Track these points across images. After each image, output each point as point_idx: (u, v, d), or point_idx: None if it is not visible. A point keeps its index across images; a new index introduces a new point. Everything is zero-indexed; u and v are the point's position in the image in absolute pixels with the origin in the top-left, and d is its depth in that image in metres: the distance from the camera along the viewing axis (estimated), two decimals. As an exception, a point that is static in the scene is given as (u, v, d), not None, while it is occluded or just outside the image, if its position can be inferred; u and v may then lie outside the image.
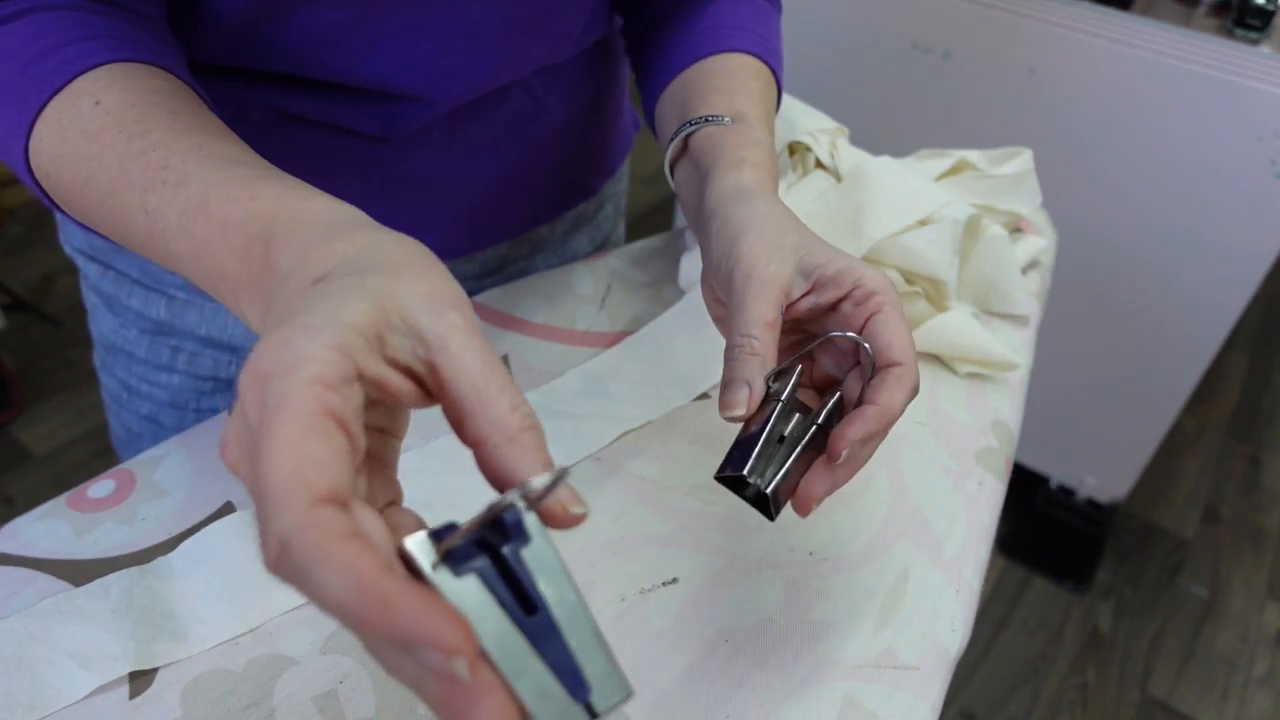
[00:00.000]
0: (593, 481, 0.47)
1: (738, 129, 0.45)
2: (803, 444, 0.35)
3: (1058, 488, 1.62)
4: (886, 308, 0.36)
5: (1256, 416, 1.94)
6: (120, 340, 0.57)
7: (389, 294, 0.25)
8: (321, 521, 0.21)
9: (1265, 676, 1.43)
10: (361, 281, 0.25)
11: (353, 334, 0.24)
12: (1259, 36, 1.17)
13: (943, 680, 0.40)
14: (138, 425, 0.59)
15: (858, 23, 1.36)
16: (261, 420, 0.22)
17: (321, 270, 0.26)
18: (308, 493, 0.21)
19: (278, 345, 0.23)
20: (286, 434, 0.21)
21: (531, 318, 0.57)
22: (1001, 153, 0.65)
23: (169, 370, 0.56)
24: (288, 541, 0.20)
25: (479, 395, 0.25)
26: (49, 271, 1.96)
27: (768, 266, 0.37)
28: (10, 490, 1.52)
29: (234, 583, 0.40)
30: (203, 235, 0.30)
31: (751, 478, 0.34)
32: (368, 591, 0.20)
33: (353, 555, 0.20)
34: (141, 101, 0.33)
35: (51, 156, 0.34)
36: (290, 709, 0.36)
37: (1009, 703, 1.37)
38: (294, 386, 0.22)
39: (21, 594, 0.39)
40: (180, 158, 0.32)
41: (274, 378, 0.22)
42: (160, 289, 0.55)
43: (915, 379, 0.35)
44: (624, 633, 0.40)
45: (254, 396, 0.22)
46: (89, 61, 0.34)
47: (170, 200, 0.31)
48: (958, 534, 0.46)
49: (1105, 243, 1.32)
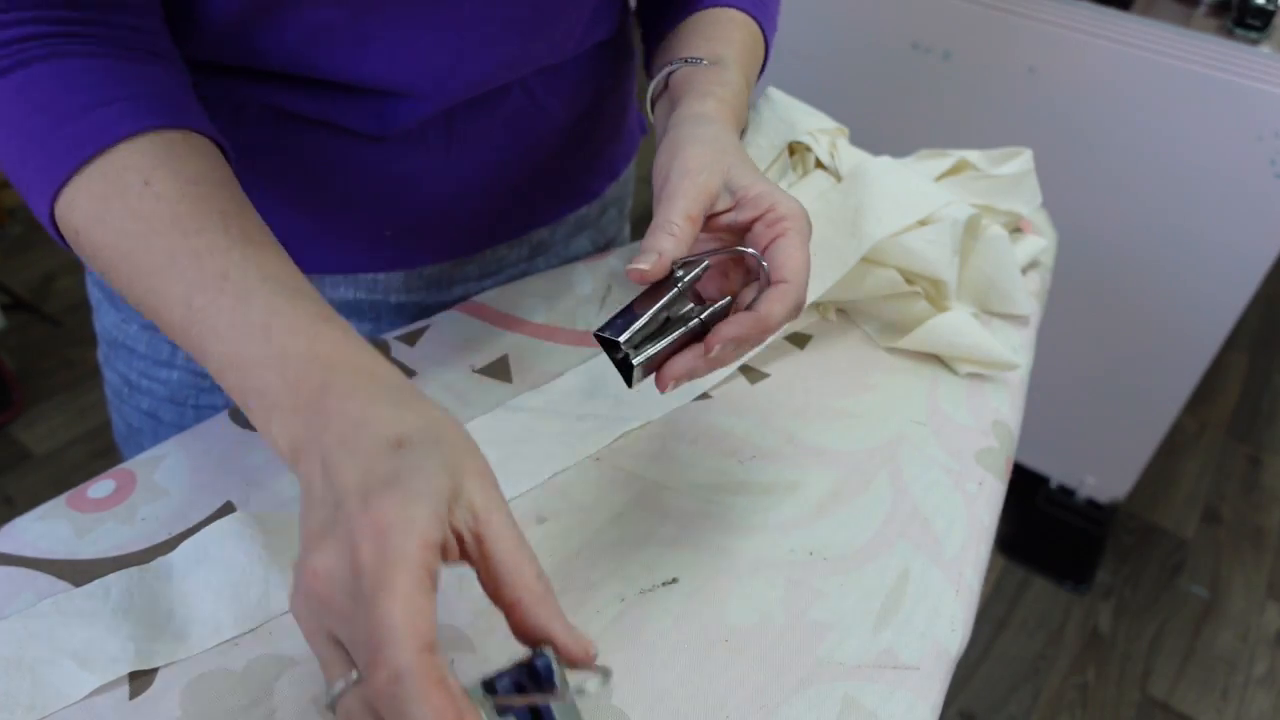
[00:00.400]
0: (593, 481, 0.47)
1: (713, 69, 0.49)
2: (682, 330, 0.38)
3: (1058, 488, 1.62)
4: (791, 232, 0.40)
5: (1256, 416, 1.94)
6: (122, 335, 0.57)
7: (457, 468, 0.30)
8: (428, 665, 0.25)
9: (1265, 676, 1.43)
10: (440, 454, 0.29)
11: (445, 504, 0.28)
12: (1259, 36, 1.17)
13: (943, 680, 0.40)
14: (138, 420, 0.60)
15: (858, 23, 1.36)
16: (380, 567, 0.26)
17: (397, 434, 0.30)
18: (420, 639, 0.25)
19: (397, 507, 0.27)
20: (405, 585, 0.26)
21: (531, 318, 0.57)
22: (1001, 153, 0.65)
23: (169, 365, 0.56)
24: (400, 675, 0.25)
25: (515, 563, 0.29)
26: (49, 271, 1.96)
27: (700, 174, 0.41)
28: (10, 490, 1.52)
29: (234, 583, 0.40)
30: (254, 354, 0.33)
31: (625, 345, 0.37)
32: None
33: (445, 701, 0.25)
34: (194, 194, 0.35)
35: (89, 220, 0.35)
36: (290, 709, 0.36)
37: (1009, 703, 1.37)
38: (411, 544, 0.26)
39: (21, 594, 0.39)
40: (240, 270, 0.34)
41: (395, 533, 0.26)
42: None
43: (798, 297, 0.39)
44: (624, 633, 0.40)
45: (373, 545, 0.26)
46: (129, 127, 0.35)
47: (225, 308, 0.33)
48: (958, 534, 0.46)
49: (1105, 243, 1.32)
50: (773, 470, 0.48)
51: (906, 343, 0.56)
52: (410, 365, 0.52)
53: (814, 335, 0.58)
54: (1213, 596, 1.55)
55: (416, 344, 0.54)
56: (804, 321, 0.58)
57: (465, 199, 0.55)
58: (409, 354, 0.53)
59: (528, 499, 0.45)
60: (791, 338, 0.58)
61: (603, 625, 0.40)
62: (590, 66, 0.58)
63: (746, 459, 0.49)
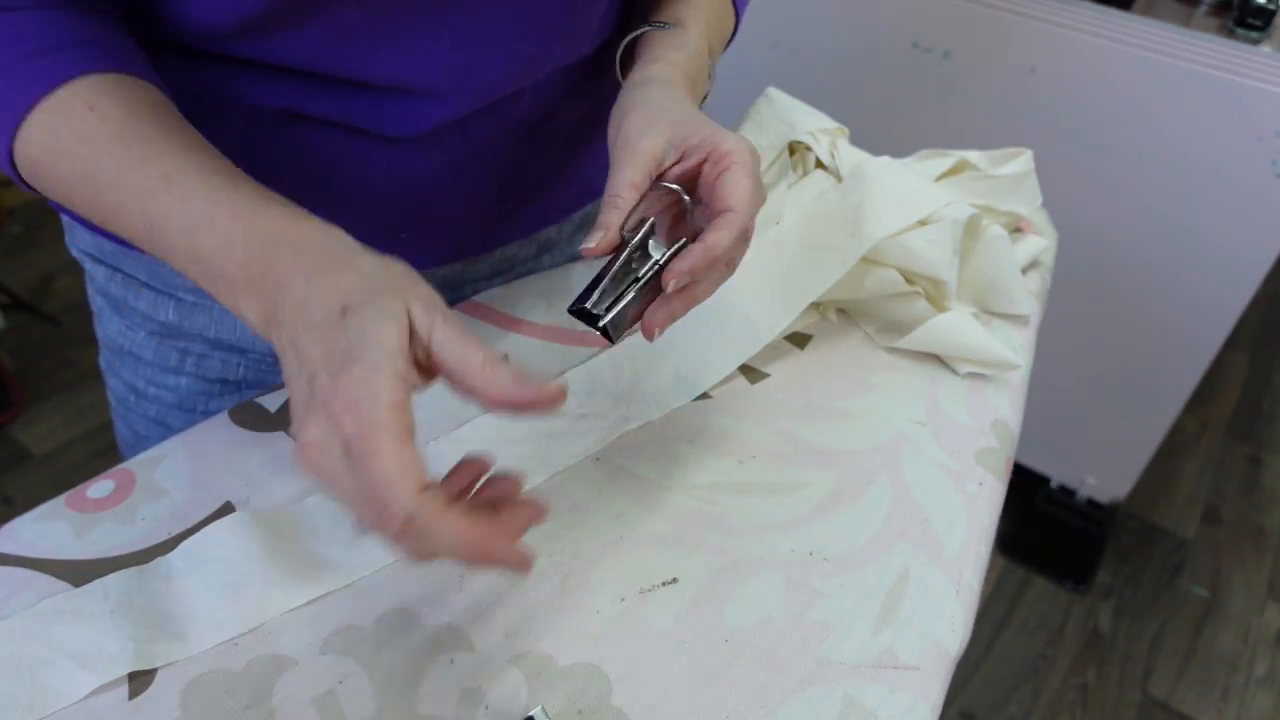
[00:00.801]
0: (593, 481, 0.47)
1: (672, 33, 0.50)
2: (644, 281, 0.40)
3: (1058, 488, 1.62)
4: (735, 165, 0.41)
5: (1257, 416, 1.94)
6: (127, 343, 0.57)
7: (400, 312, 0.33)
8: (429, 500, 0.30)
9: (1266, 677, 1.43)
10: (383, 307, 0.33)
11: (399, 360, 0.32)
12: (1260, 36, 1.17)
13: (943, 680, 0.40)
14: (145, 428, 0.59)
15: (858, 23, 1.36)
16: (362, 436, 0.30)
17: (341, 303, 0.33)
18: (415, 482, 0.30)
19: (359, 382, 0.31)
20: (388, 445, 0.30)
21: (531, 318, 0.57)
22: (1002, 153, 0.65)
23: (177, 373, 0.56)
24: (411, 518, 0.30)
25: (461, 364, 0.34)
26: (49, 271, 1.96)
27: (640, 140, 0.42)
28: (9, 490, 1.52)
29: (234, 583, 0.39)
30: (207, 244, 0.36)
31: (592, 308, 0.39)
32: (471, 538, 0.31)
33: (459, 521, 0.31)
34: (134, 113, 0.38)
35: (45, 151, 0.38)
36: (290, 709, 0.36)
37: (1009, 703, 1.37)
38: (381, 411, 0.31)
39: (21, 594, 0.39)
40: (181, 170, 0.37)
41: (365, 406, 0.30)
42: (169, 292, 0.54)
43: (742, 224, 0.40)
44: (624, 633, 0.40)
45: (350, 417, 0.31)
46: (76, 69, 0.38)
47: (173, 208, 0.36)
48: (958, 534, 0.46)
49: (1105, 243, 1.32)
50: (773, 470, 0.48)
51: (906, 343, 0.56)
52: (410, 365, 0.52)
53: (814, 335, 0.58)
54: (1213, 597, 1.55)
55: (416, 344, 0.54)
56: (804, 321, 0.58)
57: (478, 200, 0.55)
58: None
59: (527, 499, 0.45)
60: (791, 338, 0.58)
61: (603, 625, 0.40)
62: (598, 66, 0.58)
63: (746, 459, 0.49)
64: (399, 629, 0.39)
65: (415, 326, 0.33)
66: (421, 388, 0.34)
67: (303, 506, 0.44)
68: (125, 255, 0.54)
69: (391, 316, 0.33)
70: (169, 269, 0.53)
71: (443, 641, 0.39)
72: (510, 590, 0.41)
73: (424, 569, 0.42)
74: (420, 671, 0.38)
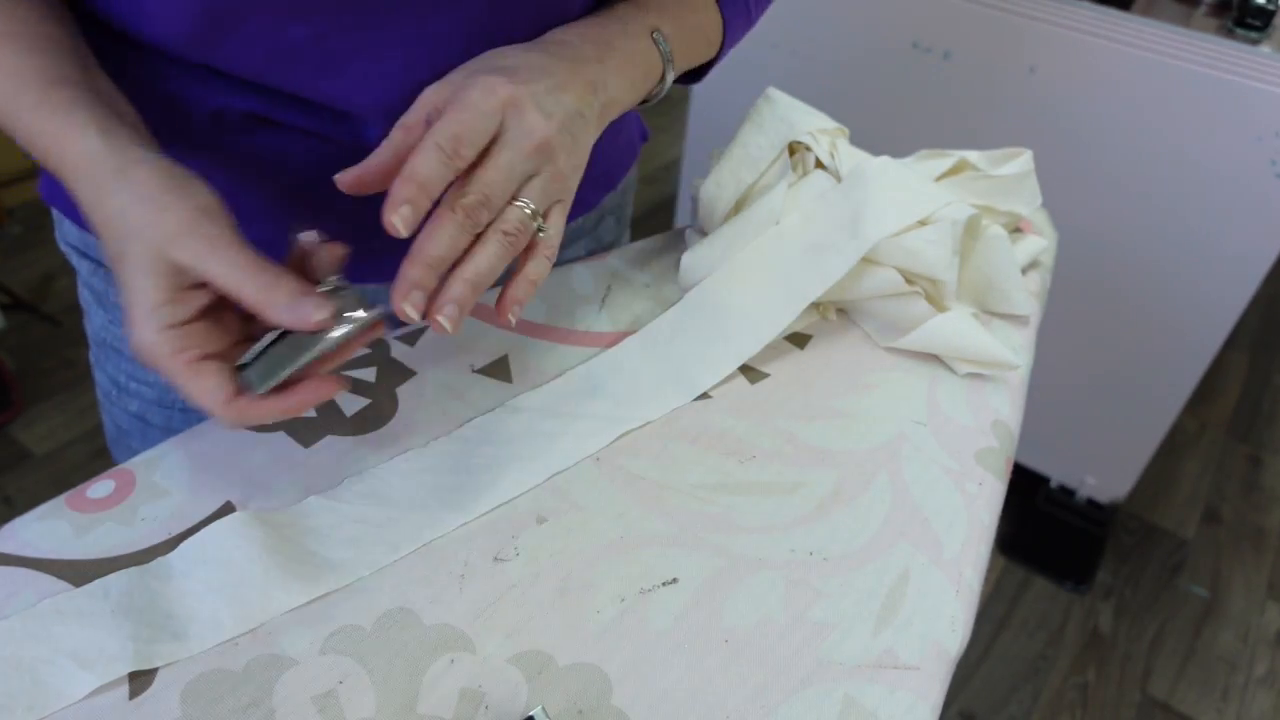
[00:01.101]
0: (593, 481, 0.47)
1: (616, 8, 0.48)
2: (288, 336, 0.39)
3: (1058, 488, 1.62)
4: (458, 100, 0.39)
5: (1257, 416, 1.94)
6: (110, 337, 0.57)
7: (159, 255, 0.36)
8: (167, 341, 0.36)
9: (1266, 677, 1.43)
10: (136, 255, 0.36)
11: (164, 310, 0.36)
12: (1259, 36, 1.17)
13: (943, 680, 0.40)
14: (127, 422, 0.59)
15: (858, 23, 1.36)
16: (149, 360, 0.37)
17: (113, 254, 0.37)
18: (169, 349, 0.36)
19: (135, 325, 0.36)
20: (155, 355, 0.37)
21: (531, 318, 0.57)
22: (1002, 153, 0.64)
23: None
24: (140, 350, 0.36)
25: (237, 288, 0.36)
26: (49, 271, 1.96)
27: (439, 88, 0.41)
28: (9, 490, 1.52)
29: (233, 583, 0.39)
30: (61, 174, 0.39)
31: (246, 358, 0.39)
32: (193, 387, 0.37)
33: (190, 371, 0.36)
34: None
35: None
36: (290, 709, 0.36)
37: (1009, 703, 1.37)
38: (149, 353, 0.36)
39: (21, 594, 0.39)
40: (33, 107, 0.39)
41: (143, 352, 0.36)
42: None
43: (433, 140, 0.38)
44: (624, 633, 0.40)
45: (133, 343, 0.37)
46: None
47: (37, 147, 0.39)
48: (958, 534, 0.46)
49: (1105, 243, 1.32)
50: (773, 470, 0.48)
51: (906, 343, 0.56)
52: (410, 365, 0.52)
53: (814, 335, 0.58)
54: (1213, 597, 1.55)
55: (416, 344, 0.54)
56: (804, 321, 0.58)
57: None
58: (409, 353, 0.53)
59: (528, 499, 0.45)
60: (791, 338, 0.58)
61: (603, 625, 0.40)
62: None
63: (746, 459, 0.49)
64: (399, 629, 0.39)
65: (181, 265, 0.36)
66: None
67: (303, 506, 0.44)
68: None
69: (148, 265, 0.36)
70: None
71: (443, 641, 0.39)
72: (510, 590, 0.41)
73: (424, 569, 0.42)
74: (420, 671, 0.38)
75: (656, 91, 0.51)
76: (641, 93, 0.49)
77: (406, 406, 0.50)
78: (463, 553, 0.43)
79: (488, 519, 0.44)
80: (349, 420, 0.48)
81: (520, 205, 0.40)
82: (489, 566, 0.42)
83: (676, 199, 1.85)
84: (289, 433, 0.47)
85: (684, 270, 0.59)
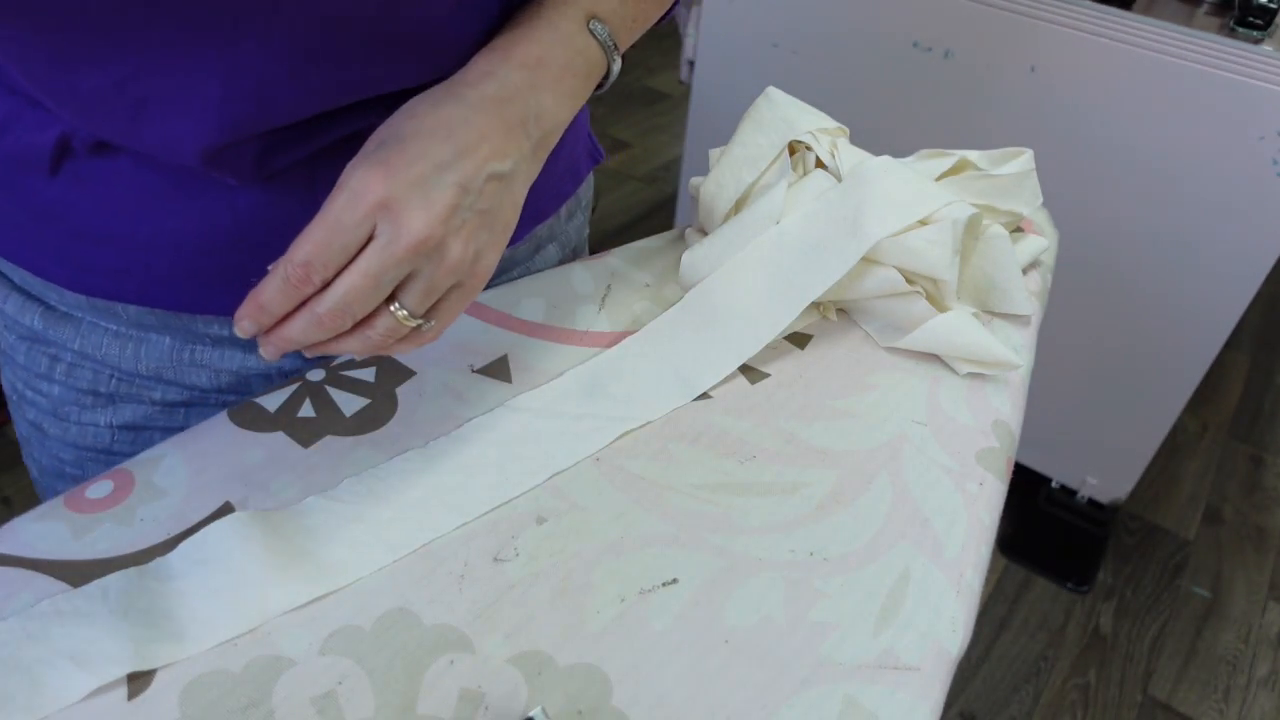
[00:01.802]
0: (593, 481, 0.47)
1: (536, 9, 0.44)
2: None
3: (1059, 488, 1.62)
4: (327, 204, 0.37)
5: (1258, 416, 1.94)
6: (3, 343, 0.54)
7: None
8: None
9: (1267, 677, 1.43)
10: None
11: None
12: (1261, 35, 1.17)
13: (944, 681, 0.40)
14: (25, 430, 0.57)
15: (858, 23, 1.36)
16: None
17: None
18: None
19: None
20: None
21: (531, 318, 0.57)
22: (1002, 153, 0.64)
23: (48, 379, 0.53)
24: None
25: None
26: (49, 272, 1.95)
27: None
28: (8, 490, 1.52)
29: (234, 583, 0.39)
30: None
31: None
32: None
33: None
34: None
35: None
36: (289, 710, 0.36)
37: (1010, 703, 1.37)
38: None
39: (19, 595, 0.38)
40: None
41: None
42: (39, 297, 0.51)
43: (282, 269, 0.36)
44: (624, 633, 0.40)
45: None
46: None
47: None
48: (958, 534, 0.46)
49: (1106, 242, 1.32)
50: (773, 470, 0.48)
51: (907, 343, 0.56)
52: (409, 365, 0.52)
53: (814, 335, 0.58)
54: (1214, 597, 1.55)
55: (416, 344, 0.54)
56: (804, 321, 0.58)
57: None
58: (409, 353, 0.53)
59: (528, 499, 0.45)
60: (791, 338, 0.58)
61: (603, 625, 0.40)
62: None
63: (746, 459, 0.49)
64: (399, 629, 0.39)
65: None
66: None
67: (302, 506, 0.43)
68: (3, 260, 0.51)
69: None
70: (46, 269, 0.49)
71: (442, 642, 0.39)
72: (510, 590, 0.41)
73: (424, 569, 0.42)
74: (420, 671, 0.38)
75: (602, 85, 0.47)
76: (585, 97, 0.45)
77: (406, 406, 0.50)
78: (463, 553, 0.42)
79: (488, 519, 0.44)
80: (349, 420, 0.48)
81: (392, 311, 0.38)
82: (489, 567, 0.42)
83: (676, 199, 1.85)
84: (288, 433, 0.47)
85: (684, 270, 0.59)
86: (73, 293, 0.49)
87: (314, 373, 0.51)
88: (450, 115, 0.39)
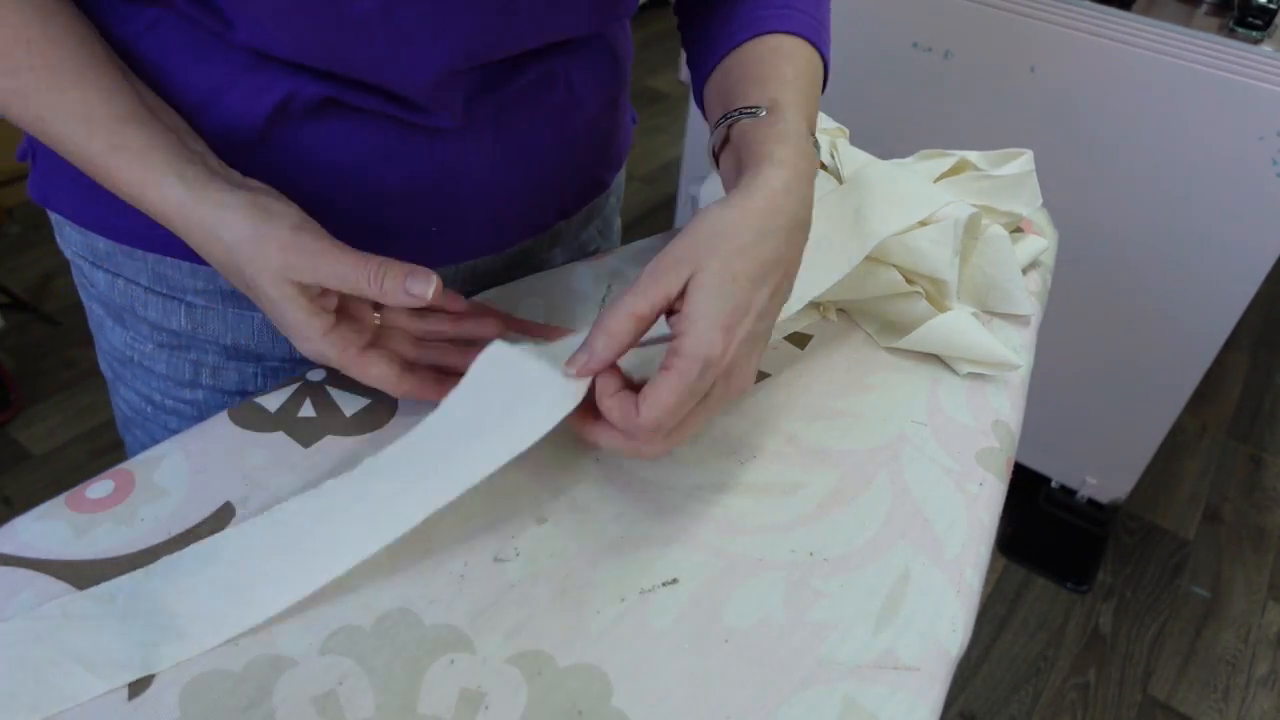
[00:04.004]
0: (593, 481, 0.47)
1: (770, 121, 0.46)
2: None
3: (1059, 488, 1.62)
4: (672, 371, 0.39)
5: (1258, 416, 1.94)
6: (135, 354, 0.55)
7: (277, 282, 0.41)
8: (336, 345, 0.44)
9: (1267, 677, 1.43)
10: (264, 286, 0.41)
11: (315, 322, 0.43)
12: (1260, 35, 1.17)
13: (943, 681, 0.40)
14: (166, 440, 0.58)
15: (858, 23, 1.36)
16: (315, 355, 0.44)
17: (240, 286, 0.43)
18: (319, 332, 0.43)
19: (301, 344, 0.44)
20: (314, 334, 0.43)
21: (531, 318, 0.57)
22: (1002, 153, 0.64)
23: (192, 386, 0.55)
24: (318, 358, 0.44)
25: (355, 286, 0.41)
26: (48, 271, 1.96)
27: (664, 275, 0.40)
28: (8, 490, 1.52)
29: (234, 583, 0.39)
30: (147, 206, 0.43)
31: None
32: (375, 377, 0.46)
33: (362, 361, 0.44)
34: None
35: None
36: (289, 709, 0.36)
37: (1010, 703, 1.37)
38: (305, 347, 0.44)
39: (20, 595, 0.38)
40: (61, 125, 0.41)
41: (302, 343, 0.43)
42: (177, 296, 0.52)
43: (631, 442, 0.41)
44: (624, 633, 0.40)
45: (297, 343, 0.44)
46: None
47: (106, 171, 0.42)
48: (958, 534, 0.46)
49: (1106, 243, 1.32)
50: (773, 470, 0.48)
51: (907, 343, 0.56)
52: (410, 365, 0.52)
53: (814, 335, 0.58)
54: (1214, 597, 1.55)
55: (416, 344, 0.54)
56: (804, 321, 0.58)
57: (507, 192, 0.54)
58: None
59: (528, 499, 0.45)
60: (791, 338, 0.58)
61: (603, 625, 0.40)
62: (612, 54, 0.57)
63: (746, 459, 0.49)
64: (399, 629, 0.39)
65: (308, 287, 0.41)
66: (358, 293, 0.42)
67: (297, 502, 0.43)
68: (125, 259, 0.52)
69: (275, 287, 0.41)
70: (172, 270, 0.52)
71: (442, 641, 0.39)
72: (510, 590, 0.41)
73: (424, 569, 0.42)
74: (420, 671, 0.38)
75: None
76: None
77: (406, 406, 0.50)
78: (462, 553, 0.42)
79: (488, 519, 0.44)
80: (349, 420, 0.48)
81: None
82: (489, 567, 0.42)
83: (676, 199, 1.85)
84: (288, 433, 0.47)
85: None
86: None
87: (314, 373, 0.51)
88: (767, 257, 0.41)
